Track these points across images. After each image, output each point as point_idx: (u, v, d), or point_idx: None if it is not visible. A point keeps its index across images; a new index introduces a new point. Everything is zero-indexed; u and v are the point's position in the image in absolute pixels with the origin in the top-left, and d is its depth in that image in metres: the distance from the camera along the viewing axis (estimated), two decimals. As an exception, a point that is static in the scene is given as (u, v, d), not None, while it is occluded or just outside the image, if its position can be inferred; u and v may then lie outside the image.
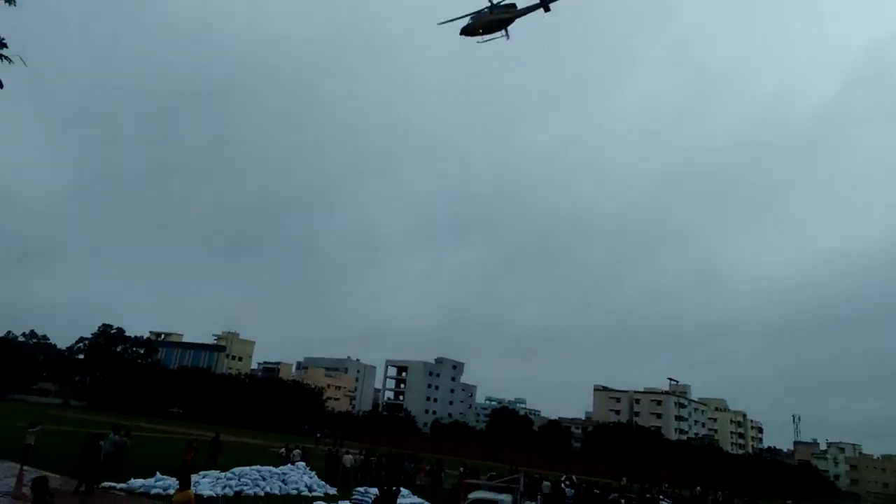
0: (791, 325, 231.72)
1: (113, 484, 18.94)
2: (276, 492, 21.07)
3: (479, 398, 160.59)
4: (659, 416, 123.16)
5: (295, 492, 21.60)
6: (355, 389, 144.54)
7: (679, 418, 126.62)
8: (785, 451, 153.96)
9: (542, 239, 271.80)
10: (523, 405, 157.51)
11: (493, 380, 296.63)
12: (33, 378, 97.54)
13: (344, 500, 19.68)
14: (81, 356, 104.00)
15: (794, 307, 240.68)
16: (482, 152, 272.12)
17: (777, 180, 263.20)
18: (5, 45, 4.30)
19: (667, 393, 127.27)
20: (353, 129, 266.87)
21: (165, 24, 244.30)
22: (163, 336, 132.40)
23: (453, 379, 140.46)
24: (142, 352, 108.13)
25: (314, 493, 21.94)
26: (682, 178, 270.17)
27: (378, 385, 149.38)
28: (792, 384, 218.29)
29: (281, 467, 24.27)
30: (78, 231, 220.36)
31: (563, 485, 29.17)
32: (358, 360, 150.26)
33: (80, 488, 17.34)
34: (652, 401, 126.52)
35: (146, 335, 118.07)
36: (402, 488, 21.58)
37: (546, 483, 28.37)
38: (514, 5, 31.07)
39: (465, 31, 31.21)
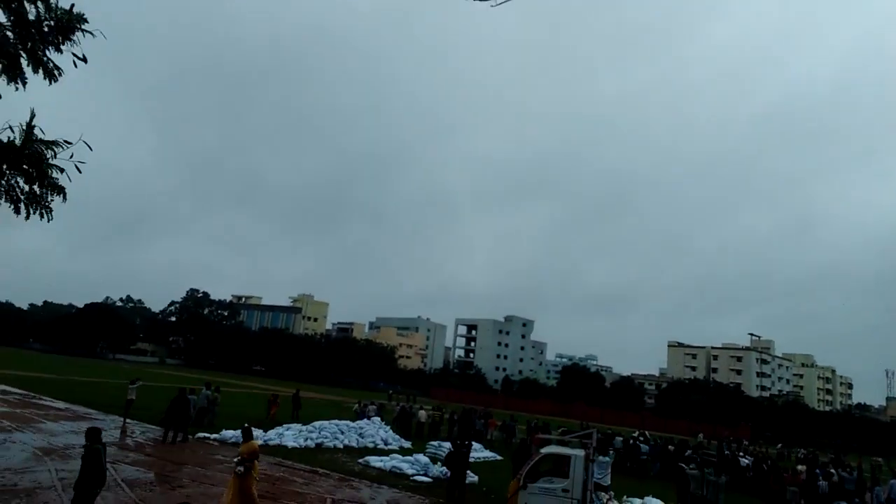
0: (887, 277, 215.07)
1: (206, 434, 20.28)
2: (354, 444, 21.93)
3: (549, 355, 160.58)
4: (739, 372, 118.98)
5: (371, 444, 22.42)
6: (426, 348, 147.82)
7: (761, 374, 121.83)
8: (876, 407, 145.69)
9: (617, 193, 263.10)
10: (594, 362, 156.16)
11: (563, 337, 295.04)
12: (131, 339, 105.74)
13: (418, 453, 20.18)
14: (173, 318, 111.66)
15: (891, 258, 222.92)
16: (553, 106, 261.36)
17: (881, 123, 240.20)
18: (86, 21, 4.36)
19: (748, 349, 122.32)
20: (422, 91, 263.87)
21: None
22: (243, 299, 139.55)
23: (523, 336, 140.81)
24: (225, 314, 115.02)
25: (389, 447, 22.69)
26: (773, 122, 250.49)
27: (448, 343, 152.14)
28: (886, 339, 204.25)
29: (357, 422, 25.22)
30: (167, 201, 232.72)
31: (637, 440, 28.76)
32: (428, 319, 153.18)
33: (168, 437, 18.63)
34: (731, 357, 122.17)
35: (229, 298, 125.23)
36: (473, 442, 21.92)
37: (618, 438, 28.05)
38: None
39: None
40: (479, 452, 22.80)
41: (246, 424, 12.00)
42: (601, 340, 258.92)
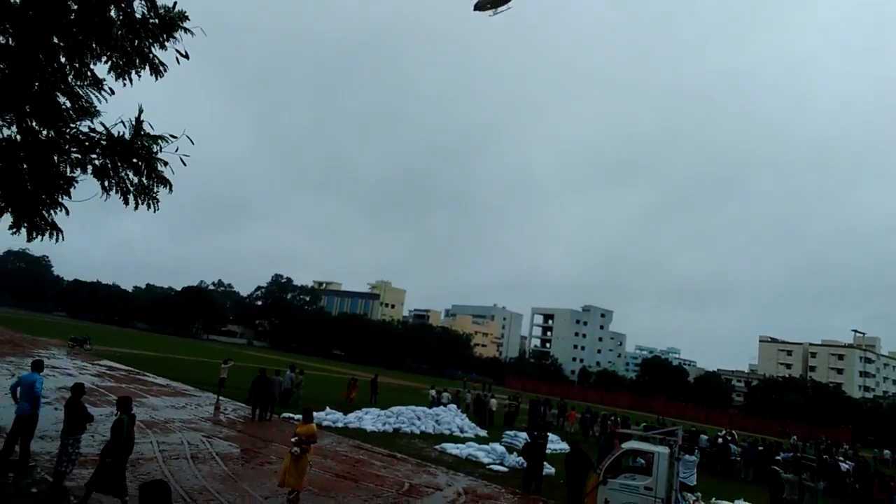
0: None
1: (291, 415, 21.18)
2: (430, 431, 22.22)
3: (629, 347, 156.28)
4: (840, 371, 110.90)
5: (448, 431, 22.63)
6: (502, 336, 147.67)
7: (864, 374, 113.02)
8: None
9: (719, 176, 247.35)
10: (677, 355, 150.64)
11: (643, 329, 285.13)
12: (223, 321, 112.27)
13: (494, 441, 20.19)
14: (259, 302, 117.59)
15: None
16: (650, 85, 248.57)
17: None
18: (187, 18, 4.62)
19: (850, 346, 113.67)
20: (508, 74, 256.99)
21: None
22: (324, 285, 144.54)
23: (601, 327, 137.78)
24: (307, 299, 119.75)
25: (465, 434, 22.82)
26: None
27: (524, 332, 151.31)
28: None
29: (433, 408, 25.53)
30: (257, 188, 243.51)
31: (724, 439, 27.43)
32: (504, 307, 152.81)
33: (255, 415, 19.62)
34: (832, 355, 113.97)
35: (311, 284, 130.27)
36: (550, 434, 21.66)
37: (703, 437, 26.85)
38: None
39: (477, 7, 33.27)
40: (556, 444, 22.51)
41: (307, 408, 12.41)
42: (685, 334, 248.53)
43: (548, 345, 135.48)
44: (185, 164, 5.49)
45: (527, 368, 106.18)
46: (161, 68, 5.02)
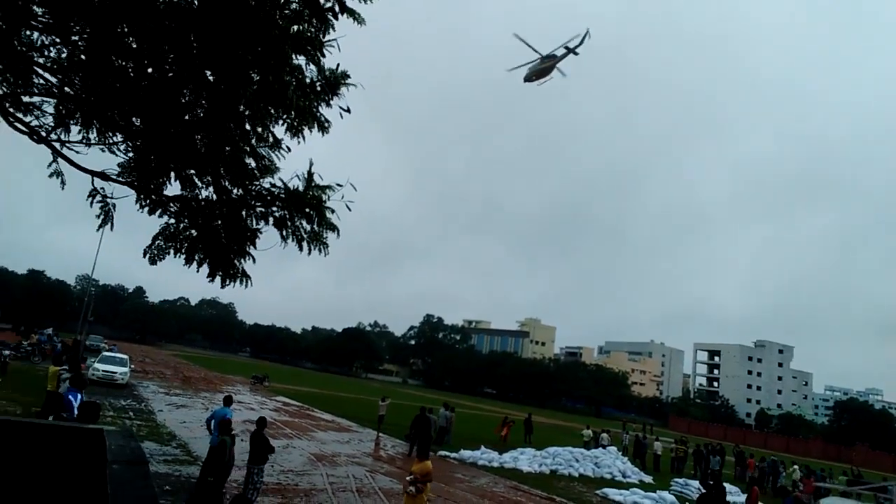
0: None
1: (447, 452, 21.42)
2: (589, 474, 21.12)
3: (816, 388, 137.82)
4: None
5: (608, 476, 21.35)
6: (661, 374, 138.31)
7: None
8: None
9: None
10: (878, 397, 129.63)
11: (833, 367, 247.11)
12: (379, 360, 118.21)
13: (662, 489, 18.65)
14: (412, 342, 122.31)
15: None
16: (843, 93, 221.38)
17: None
18: (349, 76, 5.18)
19: None
20: (672, 94, 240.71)
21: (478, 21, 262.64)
22: (474, 323, 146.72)
23: (780, 365, 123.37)
24: (458, 338, 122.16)
25: (628, 479, 21.37)
26: None
27: (686, 370, 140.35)
28: None
29: (592, 450, 24.34)
30: (412, 231, 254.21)
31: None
32: (662, 343, 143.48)
33: (413, 452, 20.05)
34: None
35: (461, 323, 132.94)
36: (729, 485, 19.55)
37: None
38: (554, 55, 37.20)
39: (526, 79, 36.71)
40: (735, 497, 20.24)
41: (423, 444, 12.29)
42: (888, 372, 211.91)
43: (715, 384, 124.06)
44: (349, 210, 5.95)
45: (693, 409, 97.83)
46: (326, 125, 5.55)
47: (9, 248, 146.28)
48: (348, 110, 5.50)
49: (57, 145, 5.73)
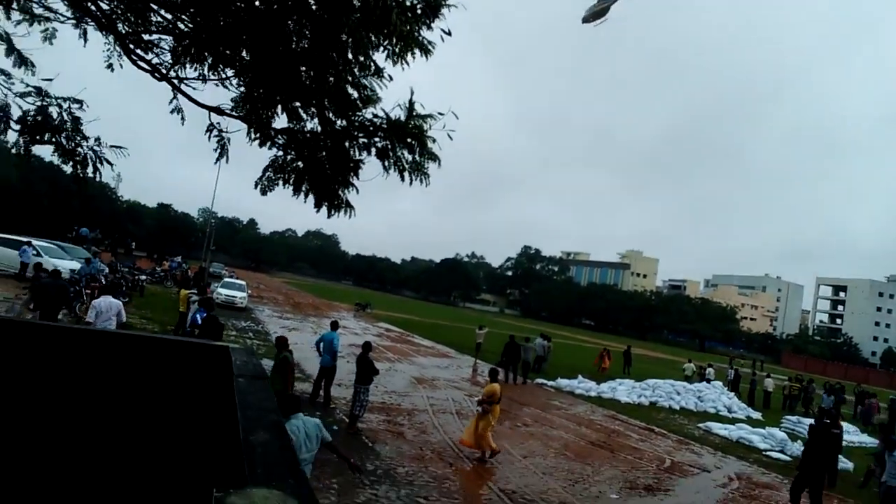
0: None
1: (544, 381, 21.79)
2: (691, 408, 20.72)
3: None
4: None
5: (713, 410, 20.83)
6: (775, 310, 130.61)
7: None
8: None
9: None
10: None
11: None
12: (476, 290, 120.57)
13: (771, 426, 17.96)
14: (509, 273, 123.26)
15: None
16: None
17: None
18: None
19: None
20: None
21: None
22: (572, 255, 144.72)
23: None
24: (555, 269, 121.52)
25: (734, 415, 20.75)
26: None
27: (806, 306, 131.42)
28: None
29: (696, 384, 23.77)
30: (514, 161, 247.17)
31: None
32: (779, 277, 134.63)
33: (508, 379, 20.55)
34: None
35: (558, 255, 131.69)
36: (846, 424, 18.45)
37: None
38: None
39: (584, 20, 35.13)
40: (853, 436, 19.17)
41: (493, 367, 12.36)
42: None
43: (839, 321, 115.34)
44: (451, 139, 5.87)
45: (810, 347, 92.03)
46: (431, 47, 5.41)
47: (141, 183, 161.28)
48: (449, 33, 5.32)
49: (176, 82, 6.05)
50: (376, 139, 5.93)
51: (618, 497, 9.60)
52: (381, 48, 5.33)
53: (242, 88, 6.19)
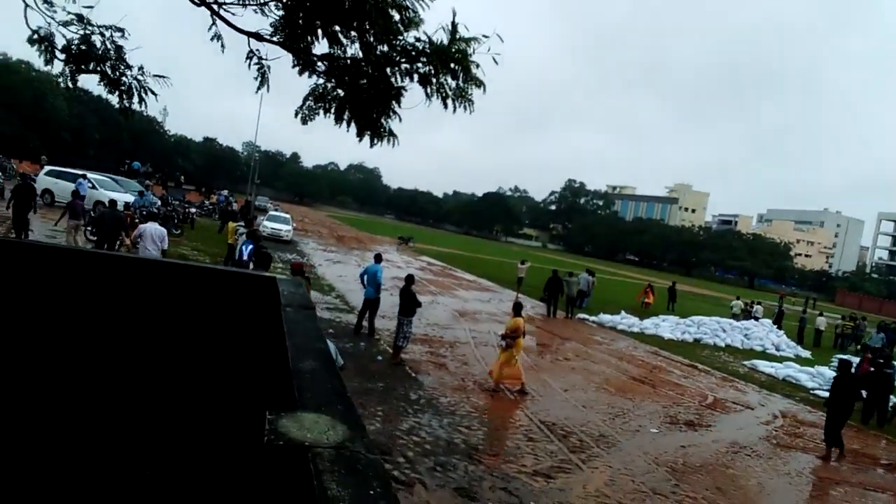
0: None
1: (586, 316, 21.77)
2: (738, 345, 20.44)
3: None
4: None
5: (759, 348, 20.51)
6: (833, 246, 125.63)
7: None
8: None
9: None
10: None
11: None
12: (519, 225, 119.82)
13: (821, 365, 17.57)
14: (553, 207, 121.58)
15: None
16: None
17: None
18: None
19: None
20: None
21: None
22: (618, 189, 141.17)
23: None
24: (600, 203, 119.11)
25: (782, 353, 20.39)
26: None
27: (866, 243, 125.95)
28: None
29: (743, 321, 23.34)
30: (562, 91, 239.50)
31: None
32: (838, 212, 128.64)
33: (551, 314, 20.60)
34: None
35: (604, 188, 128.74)
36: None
37: None
38: None
39: None
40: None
41: (517, 301, 12.19)
42: None
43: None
44: (496, 63, 5.57)
45: (867, 285, 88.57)
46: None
47: (186, 117, 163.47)
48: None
49: (215, 7, 5.88)
50: (419, 64, 5.67)
51: (658, 431, 9.65)
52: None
53: (282, 12, 5.97)
